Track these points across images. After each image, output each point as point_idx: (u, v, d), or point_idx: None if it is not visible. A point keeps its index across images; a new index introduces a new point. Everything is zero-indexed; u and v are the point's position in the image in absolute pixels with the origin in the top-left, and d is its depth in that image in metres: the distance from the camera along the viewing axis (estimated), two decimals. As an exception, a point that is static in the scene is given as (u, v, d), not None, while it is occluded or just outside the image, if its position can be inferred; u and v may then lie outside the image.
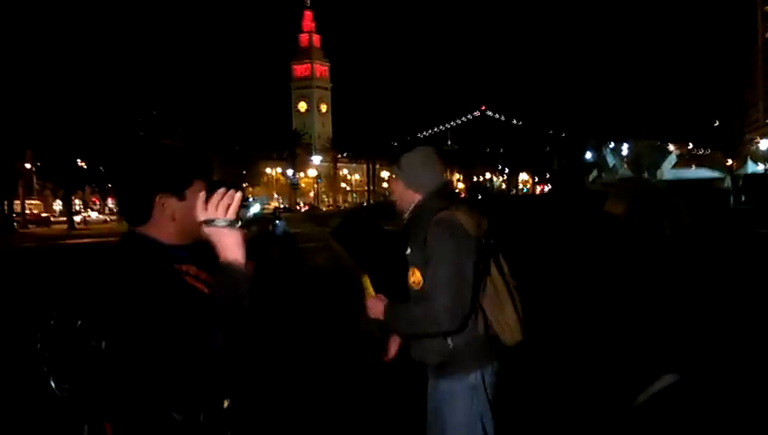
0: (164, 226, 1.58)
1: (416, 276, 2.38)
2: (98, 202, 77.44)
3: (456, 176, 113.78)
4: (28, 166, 51.37)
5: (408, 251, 2.43)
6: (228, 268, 1.46)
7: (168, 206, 1.57)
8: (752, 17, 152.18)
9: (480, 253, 2.33)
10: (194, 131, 63.84)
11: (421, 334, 2.37)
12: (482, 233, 2.37)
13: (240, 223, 1.52)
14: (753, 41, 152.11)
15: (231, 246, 1.48)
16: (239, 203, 1.51)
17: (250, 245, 1.70)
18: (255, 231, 2.72)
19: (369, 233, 10.33)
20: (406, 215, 2.52)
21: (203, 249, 1.56)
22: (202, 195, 1.53)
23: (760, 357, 5.39)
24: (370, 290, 2.52)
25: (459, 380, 2.37)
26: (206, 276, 1.59)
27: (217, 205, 1.49)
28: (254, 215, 1.61)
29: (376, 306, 2.45)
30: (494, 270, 2.39)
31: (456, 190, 2.73)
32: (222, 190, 1.51)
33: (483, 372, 2.38)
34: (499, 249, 2.48)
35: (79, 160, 48.13)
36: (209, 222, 1.48)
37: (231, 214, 1.49)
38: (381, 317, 2.43)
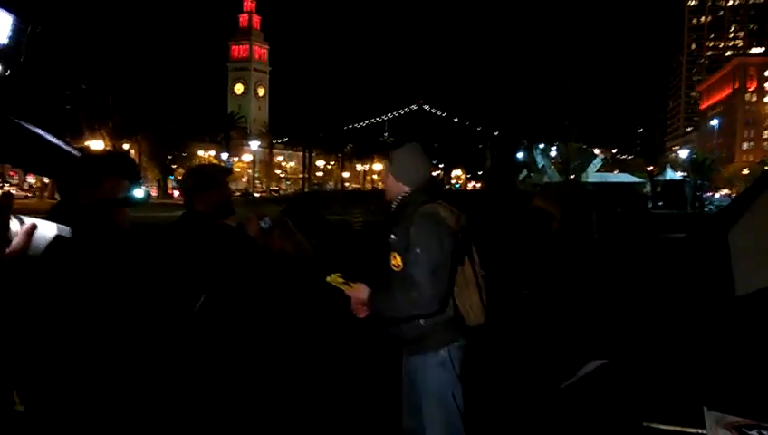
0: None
1: (397, 260, 2.68)
2: (16, 176, 73.73)
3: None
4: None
5: (392, 237, 2.74)
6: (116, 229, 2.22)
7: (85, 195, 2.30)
8: (679, 29, 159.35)
9: (457, 244, 2.67)
10: (124, 107, 61.63)
11: (404, 317, 2.68)
12: (459, 226, 2.71)
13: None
14: (679, 52, 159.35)
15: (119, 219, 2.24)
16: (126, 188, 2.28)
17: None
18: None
19: (315, 219, 10.51)
20: (393, 205, 2.82)
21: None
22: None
23: (672, 346, 6.03)
24: (344, 284, 2.75)
25: (430, 355, 2.71)
26: None
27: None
28: (138, 198, 2.35)
29: (359, 294, 2.72)
30: (466, 260, 2.73)
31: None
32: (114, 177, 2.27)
33: (450, 349, 2.72)
34: (472, 241, 2.83)
35: None
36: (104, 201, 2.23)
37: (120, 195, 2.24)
38: (365, 304, 2.71)
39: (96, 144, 57.40)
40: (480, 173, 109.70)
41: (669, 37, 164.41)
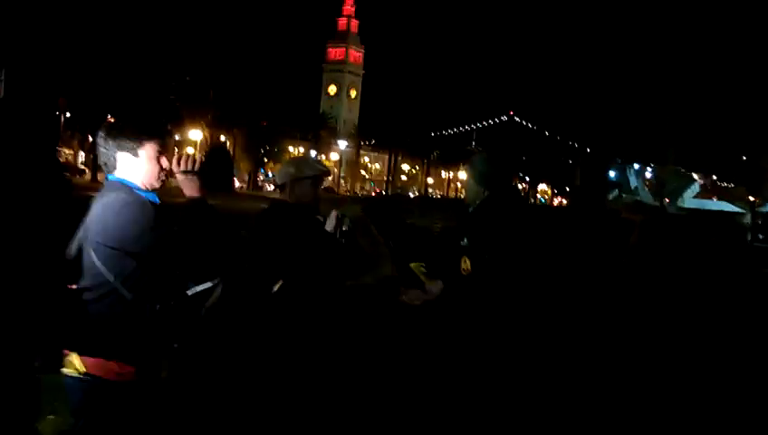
0: (128, 174, 2.26)
1: (466, 264, 2.70)
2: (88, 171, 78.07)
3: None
4: (57, 114, 52.26)
5: (464, 241, 2.75)
6: (191, 200, 2.26)
7: (127, 161, 2.28)
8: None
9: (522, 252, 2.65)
10: (223, 101, 64.31)
11: None
12: (529, 235, 2.68)
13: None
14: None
15: (192, 187, 2.27)
16: (199, 162, 2.31)
17: None
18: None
19: (394, 221, 10.59)
20: (471, 208, 2.82)
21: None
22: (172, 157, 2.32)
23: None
24: (424, 277, 2.80)
25: None
26: None
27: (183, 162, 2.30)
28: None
29: (434, 289, 2.75)
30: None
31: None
32: (187, 154, 2.31)
33: None
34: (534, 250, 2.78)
35: (109, 116, 48.91)
36: (180, 172, 2.28)
37: (190, 166, 2.28)
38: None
39: (195, 133, 60.18)
40: (567, 189, 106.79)
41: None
